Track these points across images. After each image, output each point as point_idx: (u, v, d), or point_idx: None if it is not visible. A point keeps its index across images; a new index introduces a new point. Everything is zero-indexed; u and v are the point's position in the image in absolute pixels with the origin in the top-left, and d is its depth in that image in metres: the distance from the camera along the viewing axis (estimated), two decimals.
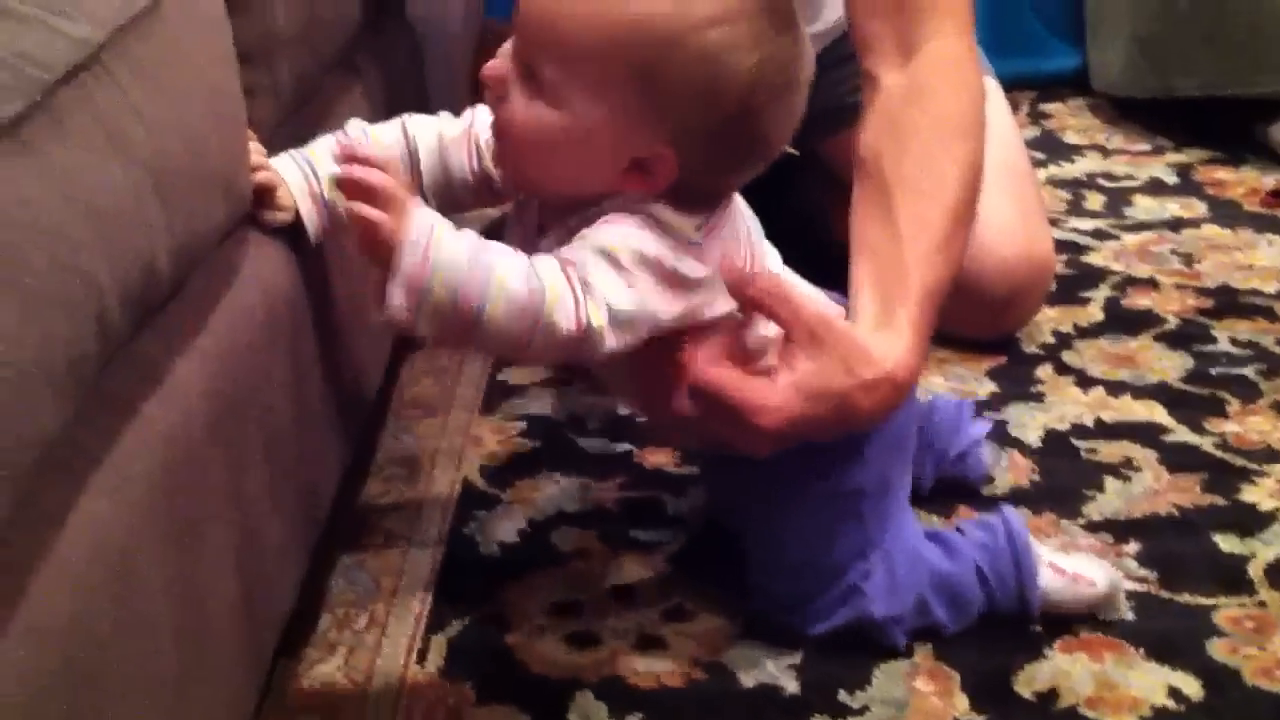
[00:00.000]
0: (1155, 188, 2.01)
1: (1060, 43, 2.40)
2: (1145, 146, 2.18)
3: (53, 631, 0.58)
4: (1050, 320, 1.58)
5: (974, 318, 1.46)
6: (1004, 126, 1.57)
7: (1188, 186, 2.01)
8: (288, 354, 0.91)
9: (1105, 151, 2.18)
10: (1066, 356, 1.50)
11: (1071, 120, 2.33)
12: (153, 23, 0.74)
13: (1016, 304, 1.50)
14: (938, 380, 1.44)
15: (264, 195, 0.91)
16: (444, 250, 0.79)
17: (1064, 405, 1.39)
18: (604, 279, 0.85)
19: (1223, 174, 2.06)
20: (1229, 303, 1.62)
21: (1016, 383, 1.44)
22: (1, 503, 0.53)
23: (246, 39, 0.91)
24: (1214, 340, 1.53)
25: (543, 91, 0.87)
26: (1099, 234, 1.84)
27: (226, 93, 0.82)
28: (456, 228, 0.82)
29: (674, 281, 0.88)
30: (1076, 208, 1.94)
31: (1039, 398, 1.41)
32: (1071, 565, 1.06)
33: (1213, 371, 1.46)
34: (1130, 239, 1.82)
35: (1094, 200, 1.97)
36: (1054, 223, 1.87)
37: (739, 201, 0.98)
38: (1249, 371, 1.45)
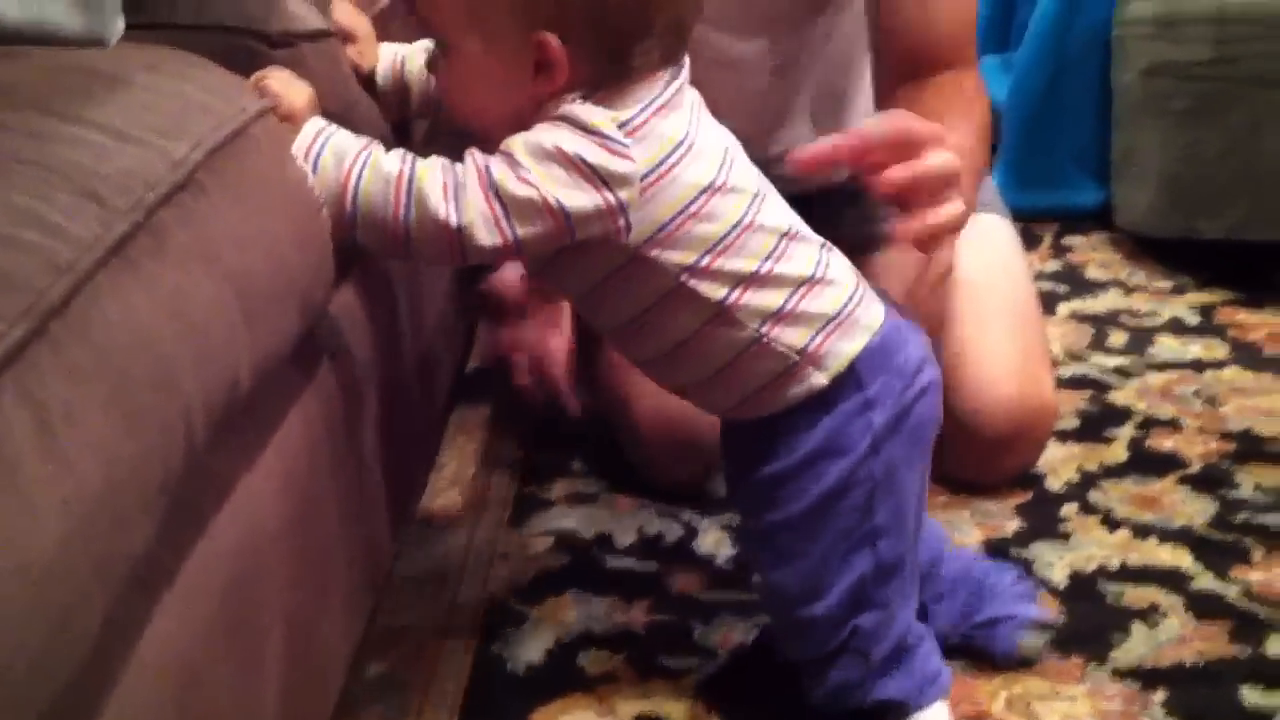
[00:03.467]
0: (1177, 327, 2.03)
1: (1085, 178, 2.43)
2: (1166, 284, 2.20)
3: None
4: (1075, 458, 1.59)
5: (971, 457, 1.47)
6: (1015, 268, 1.59)
7: (1209, 327, 2.03)
8: (345, 471, 0.91)
9: (1127, 288, 2.20)
10: (1092, 496, 1.50)
11: (1094, 255, 2.35)
12: (243, 142, 0.76)
13: (1014, 446, 1.48)
14: (964, 514, 1.45)
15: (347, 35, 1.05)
16: (340, 133, 0.90)
17: (1090, 546, 1.39)
18: (496, 167, 0.88)
19: (1244, 316, 2.08)
20: (1252, 449, 1.62)
21: (1043, 521, 1.44)
22: (93, 622, 0.53)
23: None
24: (1237, 486, 1.53)
25: (446, 45, 0.94)
26: (1122, 371, 1.85)
27: (307, 207, 0.83)
28: None
29: (583, 171, 0.88)
30: (1099, 344, 1.96)
31: (1065, 537, 1.41)
32: None
33: (1237, 519, 1.46)
34: (1153, 378, 1.83)
35: (1117, 337, 1.99)
36: (1077, 358, 1.89)
37: (708, 122, 0.98)
38: (1272, 519, 1.45)
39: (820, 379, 0.98)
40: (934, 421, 1.05)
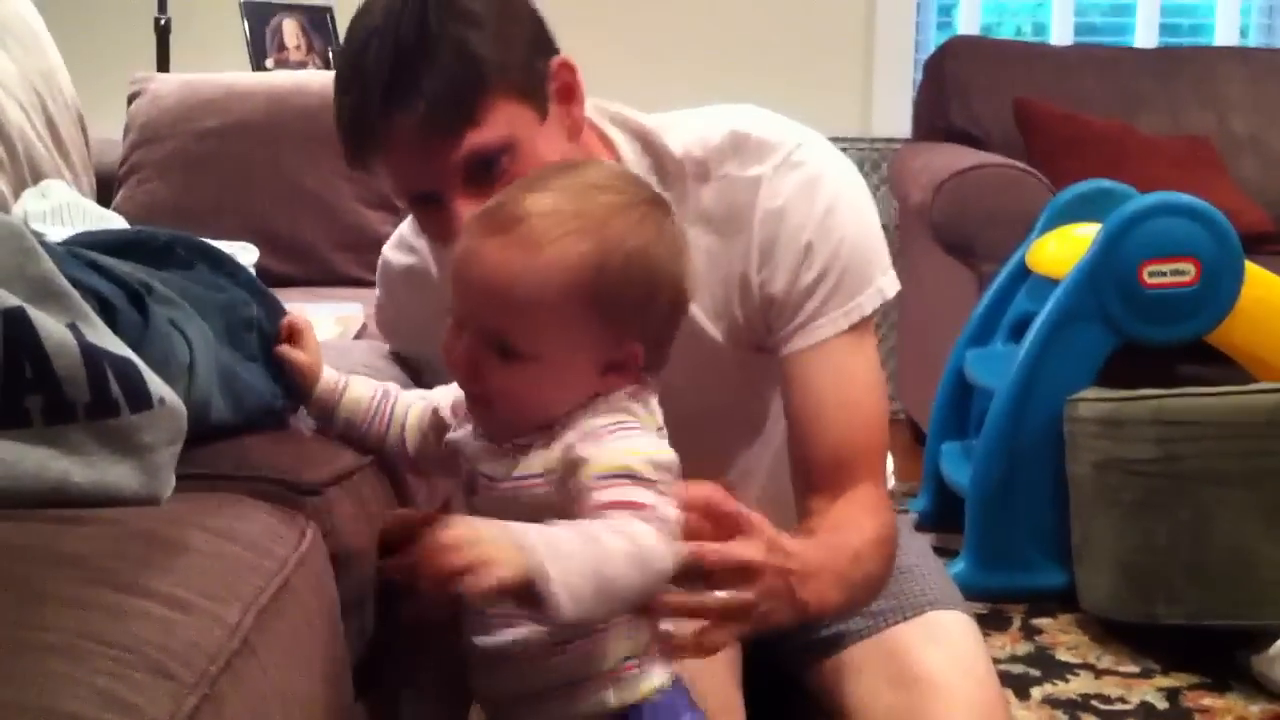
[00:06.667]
0: (1147, 713, 2.08)
1: (1049, 560, 2.51)
2: (1135, 668, 2.27)
3: None
4: None
5: None
6: (977, 665, 1.61)
7: (1178, 713, 2.09)
8: None
9: (1097, 671, 2.26)
10: None
11: (1063, 637, 2.42)
12: (285, 596, 0.84)
13: None
14: None
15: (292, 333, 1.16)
16: (563, 546, 0.91)
17: None
18: (646, 498, 0.96)
19: (1209, 700, 2.13)
20: None
21: None
22: None
23: None
24: None
25: (518, 354, 0.99)
26: None
27: (335, 651, 0.91)
28: None
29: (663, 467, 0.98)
30: None
31: None
32: None
33: None
34: None
35: None
36: None
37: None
38: None
39: (610, 699, 1.04)
40: None
